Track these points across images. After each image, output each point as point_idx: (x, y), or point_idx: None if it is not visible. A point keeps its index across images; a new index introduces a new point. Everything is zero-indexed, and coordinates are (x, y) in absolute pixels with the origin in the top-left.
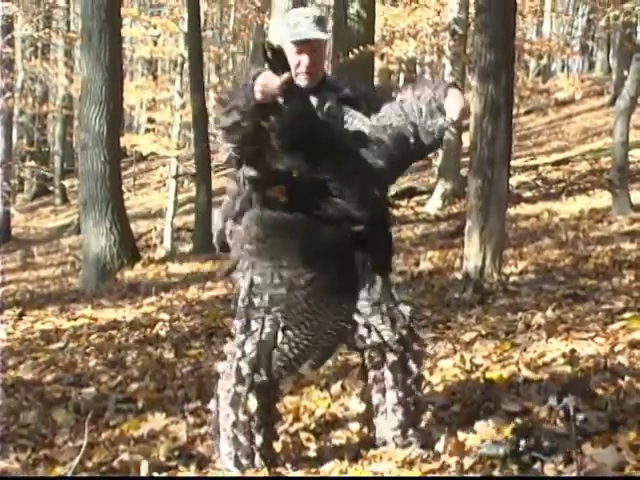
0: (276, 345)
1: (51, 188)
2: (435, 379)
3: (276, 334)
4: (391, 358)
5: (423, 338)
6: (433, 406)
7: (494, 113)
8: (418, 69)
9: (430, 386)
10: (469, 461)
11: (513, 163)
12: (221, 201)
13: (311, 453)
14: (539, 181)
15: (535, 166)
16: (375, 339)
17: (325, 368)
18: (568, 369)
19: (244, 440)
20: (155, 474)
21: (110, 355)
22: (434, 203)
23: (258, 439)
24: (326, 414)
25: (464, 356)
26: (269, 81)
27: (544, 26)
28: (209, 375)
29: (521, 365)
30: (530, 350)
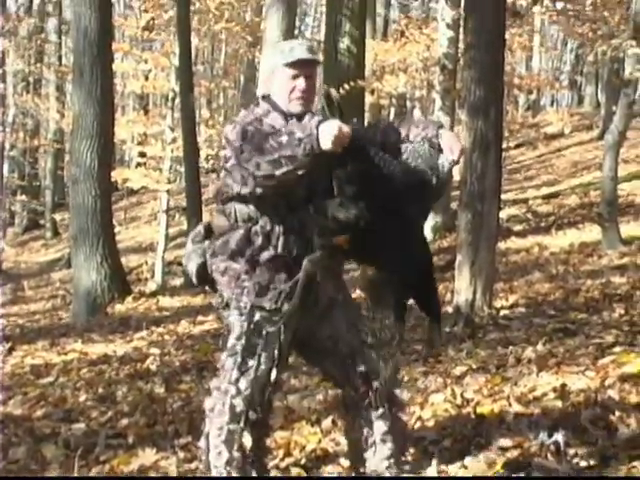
0: (270, 381)
1: (42, 222)
2: (426, 414)
3: (270, 370)
4: (376, 386)
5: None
6: (424, 441)
7: (484, 148)
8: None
9: (421, 421)
10: None
11: (503, 196)
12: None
13: None
14: (529, 214)
15: (525, 199)
16: (362, 369)
17: (316, 403)
18: (559, 404)
19: (238, 477)
20: None
21: (100, 390)
22: None
23: (252, 475)
24: (317, 449)
25: (455, 390)
26: (341, 131)
27: (533, 61)
28: (200, 410)
29: (512, 399)
30: (521, 384)
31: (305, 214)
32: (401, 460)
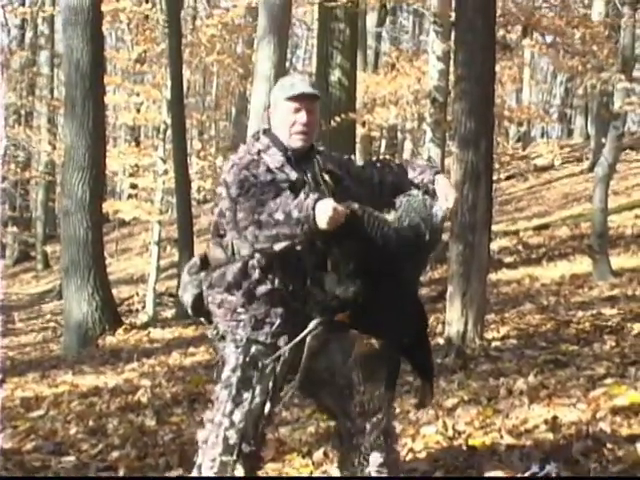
0: (263, 414)
1: (33, 254)
2: (418, 445)
3: (264, 403)
4: (375, 419)
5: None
6: (416, 472)
7: (474, 179)
8: (399, 136)
9: (413, 452)
10: None
11: (494, 228)
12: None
13: None
14: (520, 246)
15: (516, 231)
16: (359, 398)
17: (307, 435)
18: (550, 436)
19: None
20: None
21: (91, 422)
22: None
23: None
24: None
25: (446, 422)
26: (335, 211)
27: (523, 93)
28: (191, 442)
29: (503, 431)
30: (512, 416)
31: (302, 249)
32: None
